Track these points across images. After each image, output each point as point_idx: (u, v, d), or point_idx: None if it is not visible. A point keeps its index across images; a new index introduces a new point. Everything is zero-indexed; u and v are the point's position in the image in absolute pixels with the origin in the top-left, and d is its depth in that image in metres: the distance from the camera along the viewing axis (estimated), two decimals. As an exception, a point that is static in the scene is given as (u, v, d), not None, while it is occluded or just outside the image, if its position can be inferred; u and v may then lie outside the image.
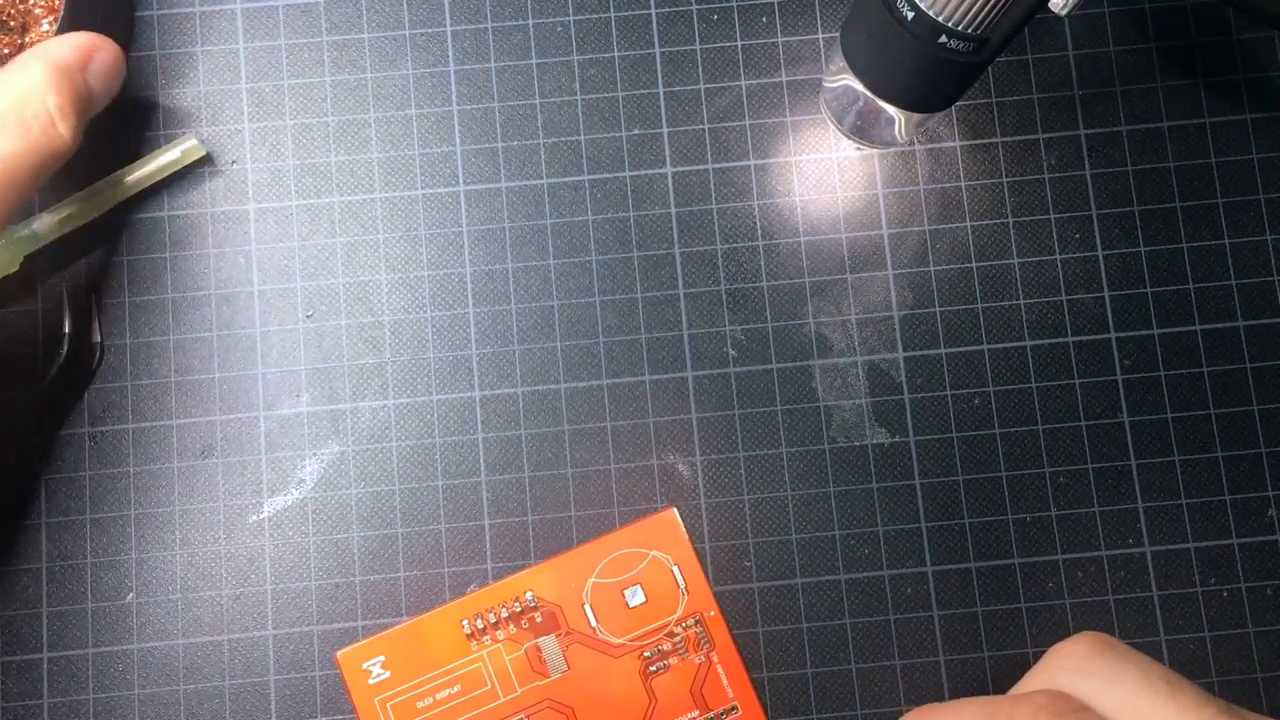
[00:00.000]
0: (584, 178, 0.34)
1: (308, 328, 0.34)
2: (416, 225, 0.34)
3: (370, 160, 0.34)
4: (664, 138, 0.35)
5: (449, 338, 0.34)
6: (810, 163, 0.35)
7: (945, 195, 0.35)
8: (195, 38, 0.35)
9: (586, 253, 0.34)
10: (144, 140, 0.34)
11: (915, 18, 0.26)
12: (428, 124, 0.35)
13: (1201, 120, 0.35)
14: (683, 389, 0.34)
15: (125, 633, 0.32)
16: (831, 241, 0.34)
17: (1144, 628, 0.33)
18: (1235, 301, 0.34)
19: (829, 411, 0.34)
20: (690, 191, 0.34)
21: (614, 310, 0.34)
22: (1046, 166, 0.35)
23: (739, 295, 0.34)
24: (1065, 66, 0.35)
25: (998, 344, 0.34)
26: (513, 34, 0.35)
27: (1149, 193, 0.35)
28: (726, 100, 0.35)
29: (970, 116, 0.35)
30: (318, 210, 0.34)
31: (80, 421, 0.33)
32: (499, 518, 0.33)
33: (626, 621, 0.32)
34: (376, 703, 0.32)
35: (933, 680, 0.32)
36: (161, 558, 0.33)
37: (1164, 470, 0.33)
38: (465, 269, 0.34)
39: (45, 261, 0.34)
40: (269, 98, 0.35)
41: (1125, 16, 0.35)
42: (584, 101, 0.35)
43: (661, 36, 0.35)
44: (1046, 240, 0.34)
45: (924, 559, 0.33)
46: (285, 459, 0.33)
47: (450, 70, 0.35)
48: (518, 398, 0.34)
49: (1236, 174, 0.35)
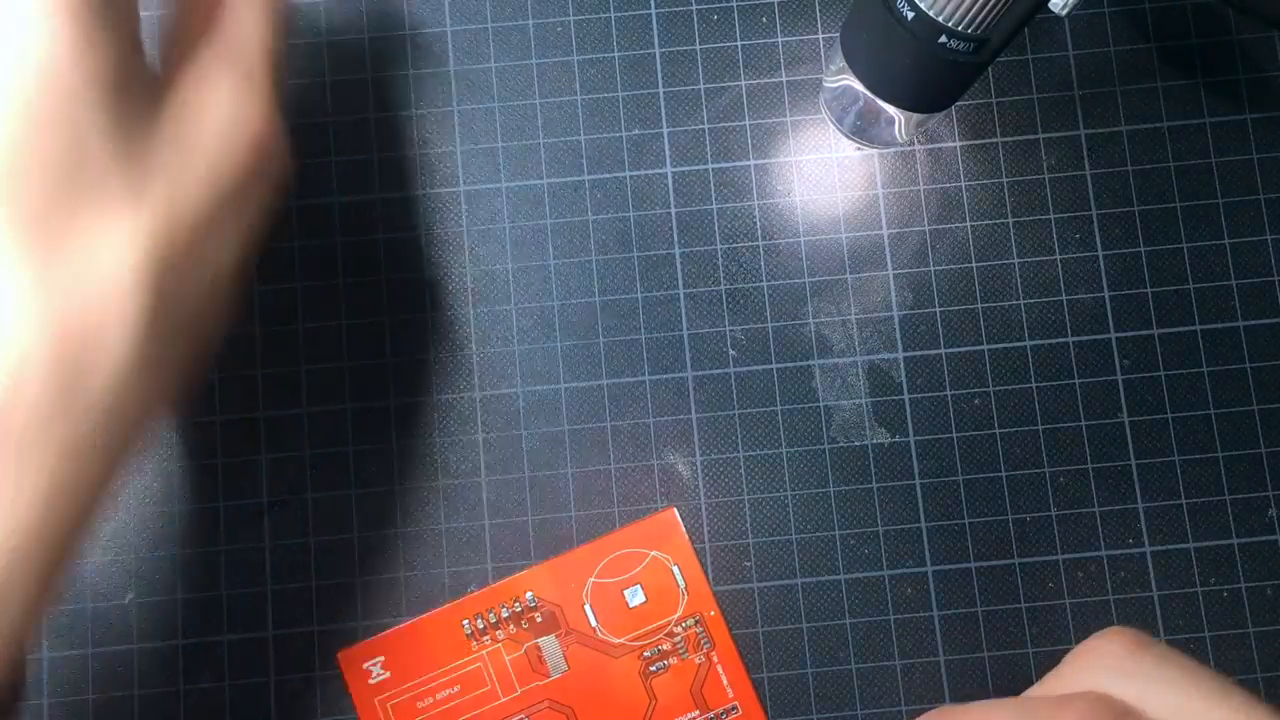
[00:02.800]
0: (584, 178, 0.34)
1: (308, 328, 0.34)
2: (416, 225, 0.34)
3: (370, 160, 0.34)
4: (664, 138, 0.35)
5: (449, 338, 0.34)
6: (810, 163, 0.35)
7: (945, 195, 0.35)
8: (195, 38, 0.35)
9: (586, 253, 0.34)
10: (144, 140, 0.34)
11: (915, 18, 0.26)
12: (428, 124, 0.35)
13: (1201, 120, 0.35)
14: (683, 389, 0.34)
15: (125, 633, 0.32)
16: (831, 241, 0.34)
17: (1144, 628, 0.33)
18: (1235, 301, 0.34)
19: (829, 411, 0.34)
20: (690, 191, 0.34)
21: (614, 310, 0.34)
22: (1046, 166, 0.35)
23: (739, 295, 0.34)
24: (1065, 66, 0.35)
25: (998, 344, 0.34)
26: (513, 34, 0.35)
27: (1149, 193, 0.35)
28: (726, 100, 0.35)
29: (970, 116, 0.35)
30: (317, 211, 0.34)
31: (80, 421, 0.33)
32: (499, 518, 0.33)
33: (626, 621, 0.32)
34: (376, 703, 0.32)
35: (933, 680, 0.32)
36: (161, 558, 0.33)
37: (1164, 470, 0.33)
38: (465, 269, 0.34)
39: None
40: (269, 98, 0.35)
41: (1125, 16, 0.35)
42: (584, 101, 0.35)
43: (661, 36, 0.35)
44: (1046, 240, 0.34)
45: (924, 559, 0.33)
46: (285, 459, 0.33)
47: (450, 70, 0.35)
48: (518, 398, 0.34)
49: (1236, 174, 0.35)
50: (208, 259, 0.23)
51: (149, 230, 0.21)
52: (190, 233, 0.22)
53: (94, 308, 0.20)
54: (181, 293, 0.22)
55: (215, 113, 0.23)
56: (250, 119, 0.24)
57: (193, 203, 0.22)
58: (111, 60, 0.20)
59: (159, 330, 0.21)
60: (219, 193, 0.23)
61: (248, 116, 0.23)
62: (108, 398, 0.20)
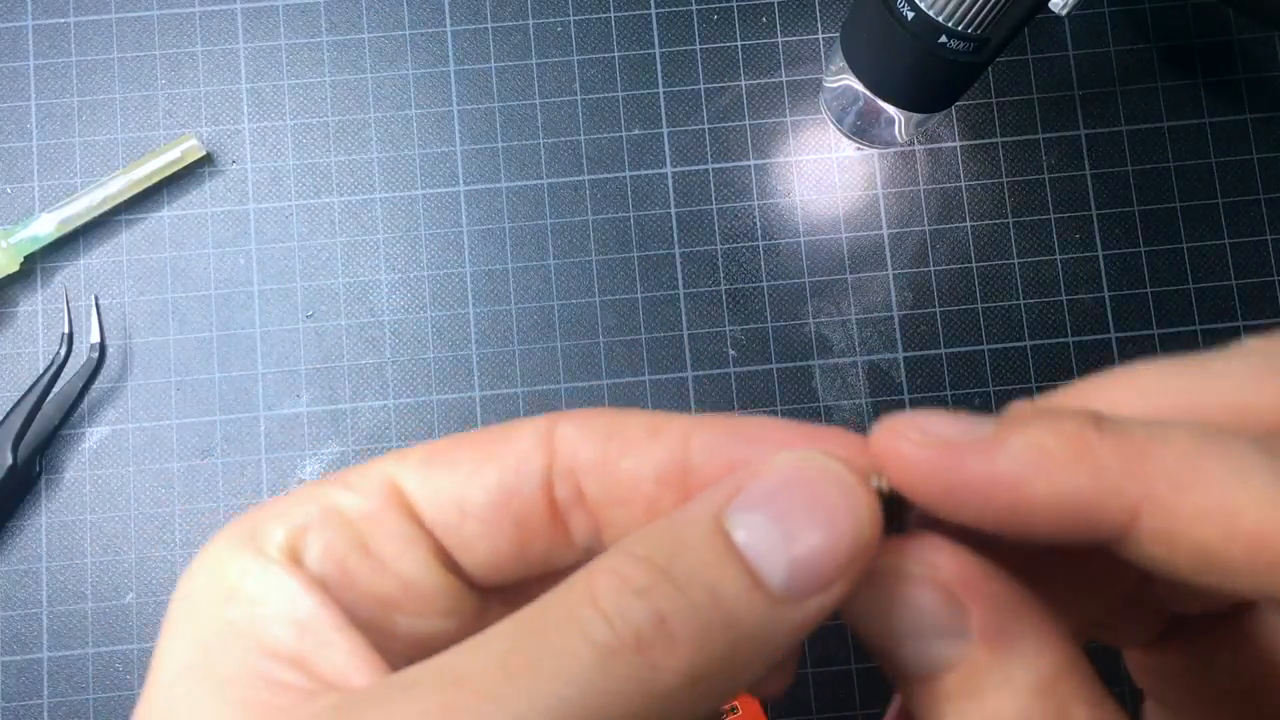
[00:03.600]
0: (584, 178, 0.34)
1: (308, 328, 0.34)
2: (416, 225, 0.34)
3: (370, 160, 0.34)
4: (664, 138, 0.35)
5: (449, 338, 0.34)
6: (810, 163, 0.35)
7: (945, 195, 0.35)
8: (195, 38, 0.35)
9: (586, 253, 0.34)
10: (144, 140, 0.34)
11: (915, 18, 0.26)
12: (428, 124, 0.35)
13: (1201, 120, 0.35)
14: (683, 389, 0.34)
15: (125, 633, 0.32)
16: (831, 241, 0.34)
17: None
18: (1235, 301, 0.34)
19: (829, 411, 0.34)
20: (690, 191, 0.34)
21: (614, 310, 0.34)
22: (1046, 166, 0.35)
23: (739, 295, 0.34)
24: (1065, 66, 0.35)
25: (998, 344, 0.34)
26: (513, 34, 0.35)
27: (1149, 193, 0.35)
28: (726, 100, 0.35)
29: (970, 116, 0.35)
30: (318, 210, 0.34)
31: (80, 421, 0.33)
32: (499, 518, 0.33)
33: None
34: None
35: (933, 680, 0.32)
36: (161, 558, 0.33)
37: (1164, 470, 0.33)
38: (465, 269, 0.34)
39: (45, 261, 0.34)
40: (269, 98, 0.35)
41: (1125, 16, 0.35)
42: (584, 101, 0.35)
43: (661, 36, 0.35)
44: (1046, 240, 0.34)
45: (924, 559, 0.33)
46: (285, 459, 0.33)
47: (450, 70, 0.35)
48: (518, 398, 0.34)
49: (1236, 174, 0.35)
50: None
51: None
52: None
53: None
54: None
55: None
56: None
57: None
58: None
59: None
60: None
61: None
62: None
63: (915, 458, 0.13)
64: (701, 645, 0.12)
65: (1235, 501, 0.12)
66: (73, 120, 0.34)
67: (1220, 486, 0.12)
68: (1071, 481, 0.12)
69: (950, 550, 0.14)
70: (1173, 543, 0.12)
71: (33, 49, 0.34)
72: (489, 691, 0.12)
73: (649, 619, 0.12)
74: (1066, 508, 0.12)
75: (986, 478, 0.13)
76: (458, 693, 0.12)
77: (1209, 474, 0.12)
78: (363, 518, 0.14)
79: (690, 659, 0.12)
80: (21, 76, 0.34)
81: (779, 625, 0.13)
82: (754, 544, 0.13)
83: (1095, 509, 0.12)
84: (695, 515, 0.13)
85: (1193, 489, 0.12)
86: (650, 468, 0.14)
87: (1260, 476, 0.12)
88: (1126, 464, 0.12)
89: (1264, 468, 0.12)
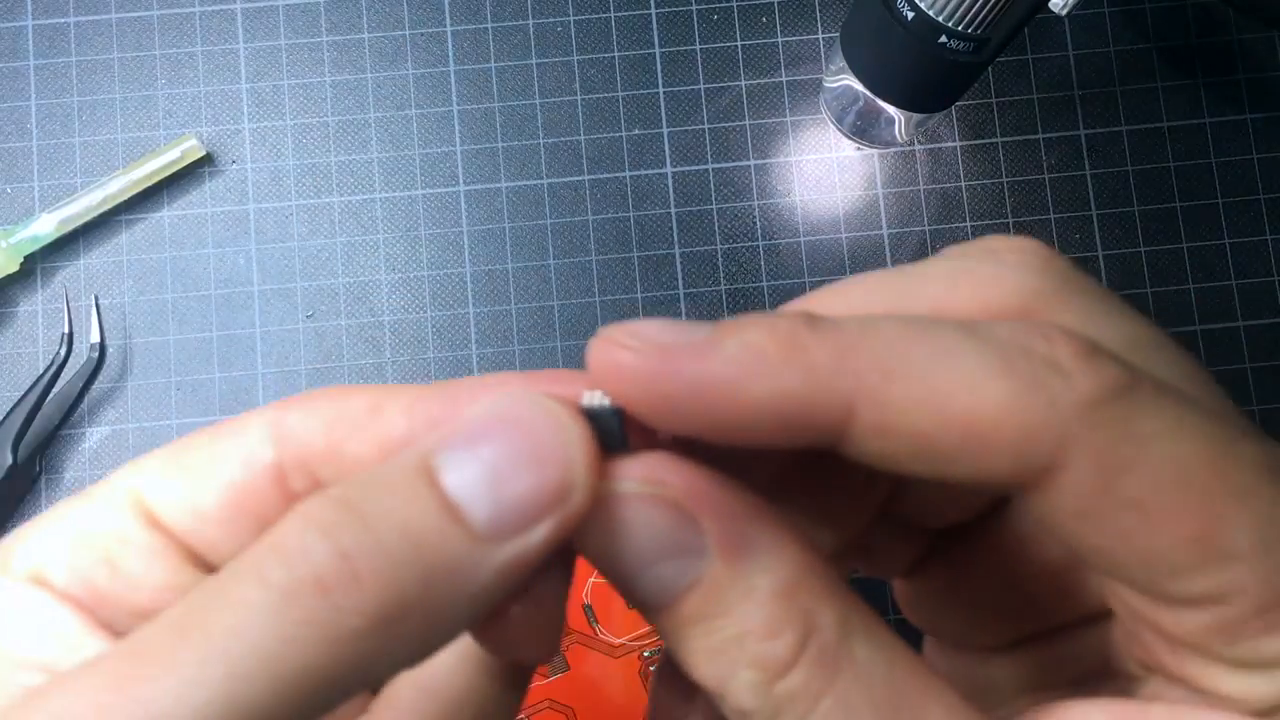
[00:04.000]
0: (584, 178, 0.34)
1: (307, 328, 0.34)
2: (416, 225, 0.34)
3: (370, 160, 0.34)
4: (664, 138, 0.35)
5: (449, 338, 0.34)
6: (810, 163, 0.35)
7: (945, 195, 0.35)
8: (195, 38, 0.35)
9: (586, 253, 0.34)
10: (144, 140, 0.34)
11: (915, 18, 0.26)
12: (428, 124, 0.35)
13: (1201, 120, 0.35)
14: (683, 389, 0.34)
15: (125, 633, 0.32)
16: (831, 241, 0.34)
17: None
18: (1235, 301, 0.34)
19: (829, 411, 0.34)
20: (690, 191, 0.34)
21: (614, 310, 0.34)
22: (1046, 166, 0.35)
23: (739, 295, 0.34)
24: (1065, 66, 0.35)
25: (998, 344, 0.34)
26: (513, 34, 0.35)
27: (1149, 193, 0.35)
28: (726, 100, 0.35)
29: (970, 116, 0.35)
30: (318, 210, 0.34)
31: (80, 421, 0.33)
32: (499, 518, 0.33)
33: (626, 621, 0.32)
34: (376, 703, 0.32)
35: (933, 680, 0.32)
36: (161, 558, 0.33)
37: (1164, 470, 0.33)
38: (465, 269, 0.34)
39: (45, 261, 0.34)
40: (269, 98, 0.35)
41: (1125, 16, 0.35)
42: (584, 101, 0.35)
43: (661, 36, 0.35)
44: (1046, 240, 0.34)
45: (924, 559, 0.33)
46: (285, 459, 0.33)
47: (450, 70, 0.35)
48: (518, 398, 0.33)
49: (1236, 174, 0.35)
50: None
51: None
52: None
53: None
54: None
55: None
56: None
57: None
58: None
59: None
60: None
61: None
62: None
63: (630, 365, 0.12)
64: (389, 584, 0.11)
65: (945, 386, 0.12)
66: (73, 120, 0.34)
67: (929, 372, 0.12)
68: (785, 380, 0.12)
69: (676, 465, 0.13)
70: (888, 434, 0.12)
71: (33, 49, 0.34)
72: (160, 655, 0.11)
73: (330, 557, 0.11)
74: (783, 408, 0.12)
75: (702, 381, 0.12)
76: (131, 662, 0.11)
77: (917, 360, 0.12)
78: (106, 535, 0.14)
79: (378, 599, 0.11)
80: (21, 76, 0.34)
81: (484, 564, 0.12)
82: (460, 483, 0.12)
83: (811, 406, 0.12)
84: (402, 457, 0.13)
85: (902, 377, 0.12)
86: (372, 447, 0.14)
87: (967, 360, 0.12)
88: (838, 359, 0.12)
89: (971, 350, 0.12)
